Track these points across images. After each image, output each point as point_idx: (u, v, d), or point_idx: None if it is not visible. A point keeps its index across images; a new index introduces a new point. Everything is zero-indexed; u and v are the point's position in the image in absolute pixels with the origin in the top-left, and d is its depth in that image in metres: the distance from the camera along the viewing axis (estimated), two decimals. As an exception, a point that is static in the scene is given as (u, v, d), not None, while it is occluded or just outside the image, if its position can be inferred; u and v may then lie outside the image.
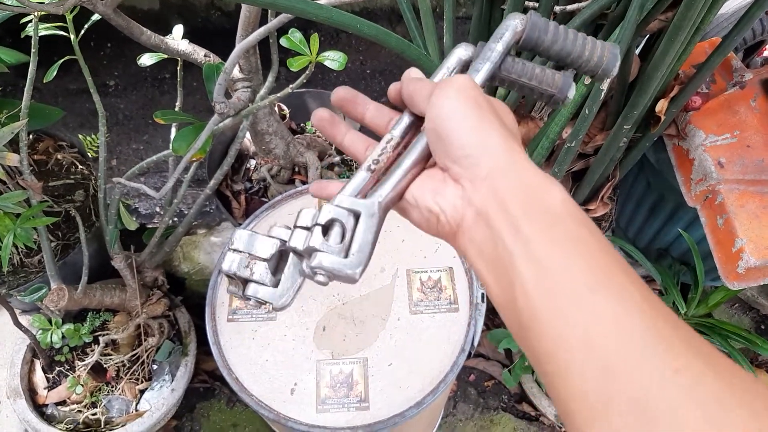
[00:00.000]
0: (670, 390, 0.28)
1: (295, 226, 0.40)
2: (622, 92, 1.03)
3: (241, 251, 0.41)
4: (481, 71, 0.43)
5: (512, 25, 0.43)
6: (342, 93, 0.46)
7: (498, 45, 0.43)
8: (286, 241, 0.41)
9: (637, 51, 1.06)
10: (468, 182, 0.37)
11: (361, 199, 0.40)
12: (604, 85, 0.91)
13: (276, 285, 0.41)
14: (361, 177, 0.42)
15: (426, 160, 0.42)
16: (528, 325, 0.32)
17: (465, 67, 0.45)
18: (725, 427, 0.26)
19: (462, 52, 0.45)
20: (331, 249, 0.38)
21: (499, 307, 0.35)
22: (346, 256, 0.38)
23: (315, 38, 0.98)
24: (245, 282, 0.42)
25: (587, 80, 0.94)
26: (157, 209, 1.89)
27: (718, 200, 1.00)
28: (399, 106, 0.46)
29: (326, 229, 0.39)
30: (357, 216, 0.39)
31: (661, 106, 1.02)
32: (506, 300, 0.34)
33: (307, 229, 0.39)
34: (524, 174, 0.35)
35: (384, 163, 0.43)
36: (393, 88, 0.46)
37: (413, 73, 0.45)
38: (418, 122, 0.44)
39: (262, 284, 0.41)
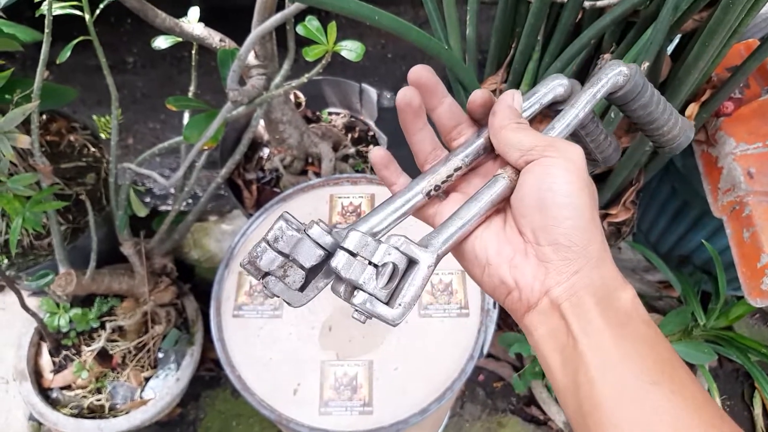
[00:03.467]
0: None
1: (341, 247, 0.37)
2: (651, 95, 0.99)
3: (281, 252, 0.37)
4: (568, 124, 0.41)
5: (613, 80, 0.41)
6: (424, 75, 0.40)
7: (592, 96, 0.41)
8: (328, 252, 0.37)
9: (669, 51, 1.01)
10: (555, 272, 0.36)
11: (421, 247, 0.37)
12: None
13: (302, 289, 0.38)
14: (416, 198, 0.41)
15: (493, 210, 0.40)
16: (589, 412, 0.33)
17: (553, 103, 0.43)
18: None
19: (559, 88, 0.42)
20: (379, 292, 0.36)
21: (560, 390, 0.36)
22: (390, 300, 0.36)
23: (332, 27, 0.95)
24: (266, 274, 0.38)
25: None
26: (172, 190, 1.88)
27: (746, 212, 0.95)
28: (474, 117, 0.43)
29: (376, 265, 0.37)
30: (412, 261, 0.37)
31: (692, 110, 0.97)
32: (569, 384, 0.35)
33: (353, 254, 0.37)
34: (605, 273, 0.36)
35: (444, 189, 0.41)
36: (478, 97, 0.41)
37: (512, 101, 0.40)
38: (491, 151, 0.42)
39: (290, 288, 0.38)
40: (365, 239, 0.37)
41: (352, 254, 0.36)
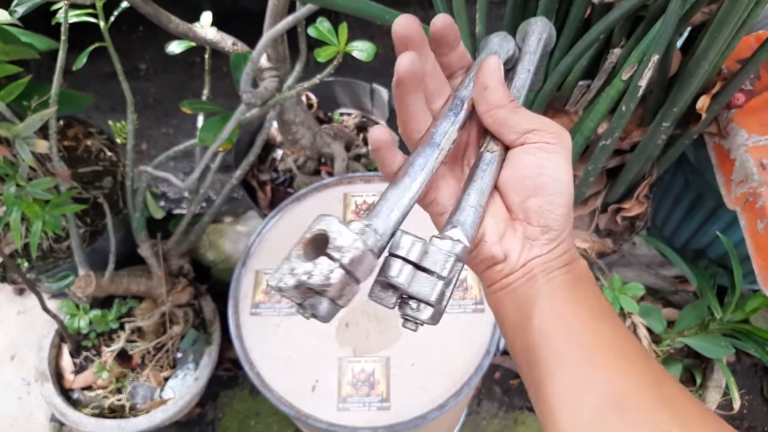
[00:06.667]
0: (647, 395, 0.33)
1: (395, 255, 0.34)
2: (662, 88, 0.99)
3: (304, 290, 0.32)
4: (524, 85, 0.44)
5: (548, 34, 0.45)
6: (413, 28, 0.38)
7: (539, 58, 0.44)
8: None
9: (679, 44, 1.02)
10: (538, 248, 0.39)
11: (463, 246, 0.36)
12: (643, 82, 0.87)
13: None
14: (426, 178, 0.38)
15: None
16: (535, 343, 0.37)
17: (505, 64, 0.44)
18: None
19: (510, 51, 0.44)
20: (443, 307, 0.36)
21: (510, 329, 0.40)
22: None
23: (343, 27, 0.96)
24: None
25: (625, 75, 0.91)
26: (186, 194, 1.90)
27: (759, 203, 0.95)
28: (437, 42, 0.41)
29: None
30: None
31: (703, 102, 0.97)
32: (519, 323, 0.39)
33: (408, 262, 0.34)
34: (567, 247, 0.40)
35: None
36: (440, 21, 0.40)
37: (499, 70, 0.39)
38: (470, 121, 0.41)
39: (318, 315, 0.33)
40: (416, 243, 0.34)
41: (408, 262, 0.34)
